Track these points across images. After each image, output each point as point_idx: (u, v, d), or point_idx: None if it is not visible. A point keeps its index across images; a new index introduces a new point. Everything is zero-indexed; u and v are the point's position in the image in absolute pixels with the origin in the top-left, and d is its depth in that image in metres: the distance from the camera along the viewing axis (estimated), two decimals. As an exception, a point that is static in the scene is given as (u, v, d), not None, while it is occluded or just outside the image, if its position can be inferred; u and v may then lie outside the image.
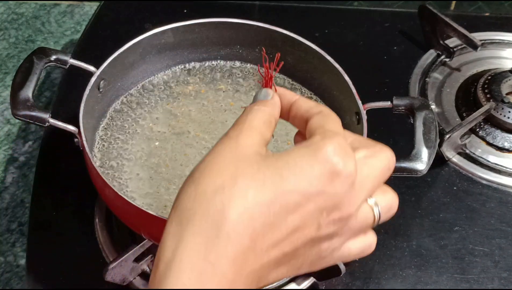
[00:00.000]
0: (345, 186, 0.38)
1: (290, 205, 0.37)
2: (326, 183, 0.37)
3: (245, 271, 0.37)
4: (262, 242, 0.37)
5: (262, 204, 0.36)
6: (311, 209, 0.37)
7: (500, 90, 0.76)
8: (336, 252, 0.41)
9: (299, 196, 0.37)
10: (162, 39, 0.66)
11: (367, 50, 0.87)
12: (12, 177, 0.75)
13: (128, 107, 0.66)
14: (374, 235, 0.44)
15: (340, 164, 0.38)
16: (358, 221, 0.41)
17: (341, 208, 0.39)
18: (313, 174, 0.37)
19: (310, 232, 0.38)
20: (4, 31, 0.92)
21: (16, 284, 0.67)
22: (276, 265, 0.38)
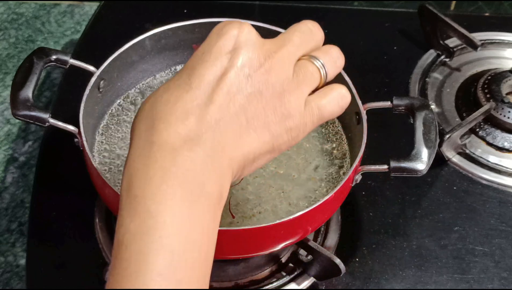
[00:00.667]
0: (229, 41, 0.43)
1: (204, 76, 0.41)
2: (213, 40, 0.43)
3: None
4: (207, 114, 0.40)
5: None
6: (219, 64, 0.42)
7: (500, 90, 0.76)
8: (300, 107, 0.44)
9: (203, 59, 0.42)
10: (162, 39, 0.66)
11: (367, 50, 0.87)
12: (12, 177, 0.75)
13: (128, 107, 0.66)
14: (342, 87, 0.47)
15: (221, 26, 0.44)
16: (301, 75, 0.44)
17: (249, 59, 0.42)
18: (204, 43, 0.44)
19: (241, 88, 0.42)
20: (4, 31, 0.92)
21: (16, 284, 0.67)
22: (239, 132, 0.41)
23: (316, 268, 0.62)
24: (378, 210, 0.70)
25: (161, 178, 0.38)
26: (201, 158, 0.39)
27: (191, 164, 0.39)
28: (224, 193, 0.41)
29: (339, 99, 0.46)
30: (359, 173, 0.57)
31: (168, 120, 0.40)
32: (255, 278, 0.63)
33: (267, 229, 0.52)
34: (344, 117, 0.64)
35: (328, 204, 0.55)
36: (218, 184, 0.40)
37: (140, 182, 0.38)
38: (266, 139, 0.43)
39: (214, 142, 0.40)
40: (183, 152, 0.39)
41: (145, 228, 0.37)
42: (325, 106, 0.45)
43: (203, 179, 0.39)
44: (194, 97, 0.41)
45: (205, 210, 0.39)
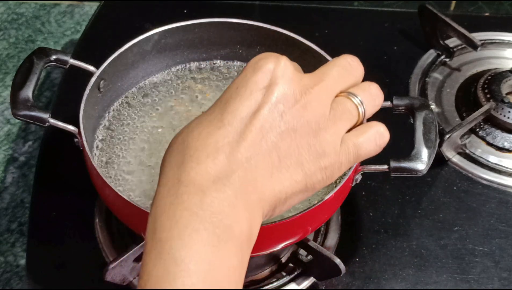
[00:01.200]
0: (265, 75, 0.41)
1: (238, 112, 0.41)
2: (249, 74, 0.42)
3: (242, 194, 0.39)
4: (238, 152, 0.39)
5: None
6: (253, 102, 0.41)
7: (500, 90, 0.76)
8: (335, 146, 0.42)
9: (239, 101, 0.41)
10: (162, 39, 0.66)
11: (367, 50, 0.87)
12: (12, 177, 0.75)
13: (128, 107, 0.66)
14: (380, 125, 0.46)
15: (256, 60, 0.42)
16: (339, 112, 0.43)
17: (286, 97, 0.41)
18: (239, 77, 0.43)
19: (275, 125, 0.40)
20: (4, 31, 0.92)
21: (16, 284, 0.67)
22: (270, 170, 0.40)
23: (316, 268, 0.62)
24: (378, 210, 0.70)
25: (187, 222, 0.37)
26: (229, 199, 0.38)
27: (219, 206, 0.38)
28: (254, 233, 0.40)
29: (377, 137, 0.45)
30: (359, 173, 0.57)
31: (197, 158, 0.39)
32: (255, 278, 0.63)
33: (267, 229, 0.52)
34: (344, 117, 0.64)
35: (328, 204, 0.55)
36: (247, 226, 0.39)
37: (165, 225, 0.37)
38: (299, 178, 0.41)
39: (244, 181, 0.39)
40: (211, 193, 0.38)
41: (168, 275, 0.36)
42: (362, 144, 0.44)
43: (231, 222, 0.38)
44: (226, 134, 0.40)
45: (232, 253, 0.38)
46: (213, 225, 0.37)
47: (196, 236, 0.36)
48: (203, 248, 0.36)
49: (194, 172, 0.38)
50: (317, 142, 0.42)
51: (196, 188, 0.38)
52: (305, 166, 0.41)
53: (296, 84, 0.42)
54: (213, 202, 0.37)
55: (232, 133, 0.40)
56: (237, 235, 0.38)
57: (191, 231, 0.37)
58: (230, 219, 0.38)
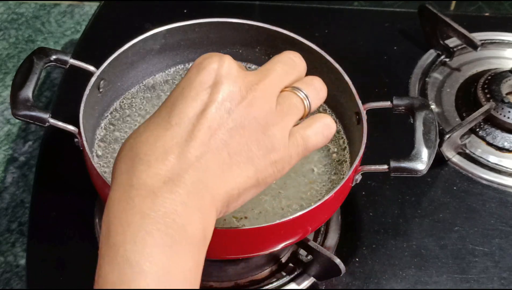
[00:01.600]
0: (209, 75, 0.42)
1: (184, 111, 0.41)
2: (194, 75, 0.42)
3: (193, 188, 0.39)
4: (188, 152, 0.39)
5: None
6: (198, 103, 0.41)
7: (500, 90, 0.76)
8: (284, 140, 0.43)
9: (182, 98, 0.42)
10: (162, 39, 0.66)
11: (367, 50, 0.87)
12: (12, 177, 0.75)
13: (128, 107, 0.66)
14: (326, 117, 0.47)
15: (200, 60, 0.43)
16: (285, 107, 0.44)
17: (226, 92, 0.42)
18: (184, 78, 0.43)
19: (223, 123, 0.41)
20: (4, 31, 0.92)
21: (16, 284, 0.67)
22: (221, 168, 0.40)
23: (316, 268, 0.62)
24: (378, 210, 0.70)
25: (140, 225, 0.37)
26: (181, 199, 0.38)
27: (171, 206, 0.38)
28: (208, 232, 0.40)
29: (324, 129, 0.46)
30: (359, 173, 0.57)
31: (147, 161, 0.39)
32: (255, 278, 0.63)
33: (267, 229, 0.52)
34: (344, 117, 0.64)
35: (328, 204, 0.55)
36: (200, 225, 0.39)
37: (118, 229, 0.37)
38: (250, 174, 0.42)
39: (196, 180, 0.39)
40: (162, 194, 0.38)
41: (124, 278, 0.36)
42: (310, 137, 0.45)
43: (184, 221, 0.38)
44: (174, 135, 0.40)
45: (186, 253, 0.38)
46: (166, 225, 0.37)
47: (149, 238, 0.37)
48: (156, 249, 0.36)
49: (145, 175, 0.39)
50: (266, 137, 0.42)
51: (147, 190, 0.38)
52: (255, 162, 0.42)
53: (241, 81, 0.42)
54: (165, 203, 0.38)
55: (180, 134, 0.40)
56: (190, 234, 0.38)
57: (144, 234, 0.37)
58: (183, 218, 0.38)
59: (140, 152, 0.40)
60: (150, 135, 0.40)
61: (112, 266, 0.37)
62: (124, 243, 0.37)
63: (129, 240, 0.37)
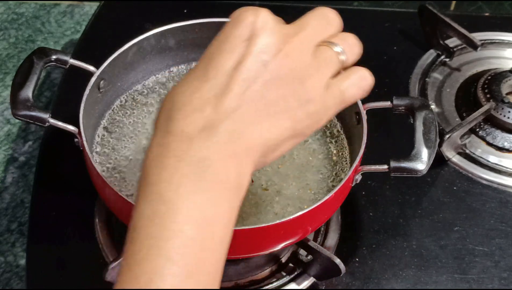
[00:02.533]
0: (246, 28, 0.43)
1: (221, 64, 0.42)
2: (230, 29, 0.43)
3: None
4: (224, 104, 0.40)
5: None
6: (238, 53, 0.42)
7: (500, 90, 0.76)
8: (321, 91, 0.43)
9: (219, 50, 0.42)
10: (162, 39, 0.66)
11: (367, 50, 0.86)
12: (12, 177, 0.75)
13: (128, 107, 0.66)
14: (363, 69, 0.47)
15: (237, 14, 0.44)
16: (321, 59, 0.44)
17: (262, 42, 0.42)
18: (221, 32, 0.43)
19: (259, 75, 0.41)
20: (4, 31, 0.92)
21: (16, 284, 0.67)
22: (257, 119, 0.41)
23: (316, 268, 0.62)
24: (378, 210, 0.70)
25: (175, 167, 0.39)
26: (217, 147, 0.39)
27: (206, 153, 0.39)
28: (244, 181, 0.41)
29: (361, 81, 0.46)
30: (359, 173, 0.57)
31: (185, 111, 0.40)
32: (255, 278, 0.63)
33: (267, 229, 0.52)
34: (344, 117, 0.64)
35: (328, 204, 0.55)
36: (235, 172, 0.40)
37: (156, 170, 0.39)
38: (287, 125, 0.42)
39: (231, 130, 0.40)
40: (198, 141, 0.39)
41: (158, 214, 0.38)
42: (347, 89, 0.45)
43: (218, 168, 0.39)
44: (211, 87, 0.41)
45: (219, 197, 0.39)
46: (201, 170, 0.39)
47: (184, 179, 0.38)
48: (190, 190, 0.38)
49: (182, 123, 0.40)
50: (303, 89, 0.42)
51: (184, 136, 0.39)
52: (292, 113, 0.42)
53: (278, 34, 0.43)
54: (200, 149, 0.39)
55: (217, 86, 0.41)
56: (224, 180, 0.39)
57: (180, 175, 0.38)
58: (217, 165, 0.39)
59: (178, 102, 0.41)
60: (189, 88, 0.41)
61: (148, 204, 0.38)
62: (159, 182, 0.39)
63: (164, 179, 0.38)
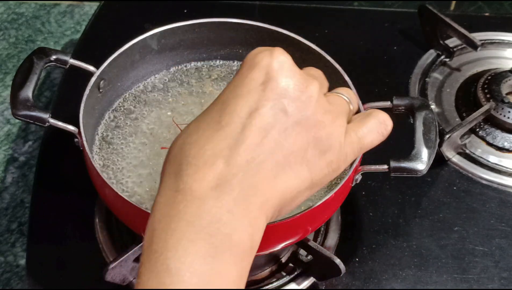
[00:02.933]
0: (262, 71, 0.40)
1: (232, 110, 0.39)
2: (245, 72, 0.40)
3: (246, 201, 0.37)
4: (238, 155, 0.38)
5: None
6: (252, 100, 0.39)
7: (500, 90, 0.76)
8: (340, 138, 0.42)
9: (234, 98, 0.40)
10: (162, 39, 0.66)
11: (367, 50, 0.87)
12: (12, 177, 0.75)
13: (128, 107, 0.66)
14: (381, 113, 0.45)
15: (252, 56, 0.41)
16: (336, 106, 0.43)
17: (279, 89, 0.40)
18: (236, 75, 0.41)
19: (277, 122, 0.39)
20: (4, 31, 0.92)
21: (16, 284, 0.67)
22: (274, 171, 0.38)
23: (316, 268, 0.62)
24: (378, 210, 0.70)
25: (183, 232, 0.36)
26: (228, 207, 0.36)
27: (217, 215, 0.36)
28: (256, 241, 0.38)
29: (379, 126, 0.45)
30: (359, 173, 0.57)
31: (195, 165, 0.37)
32: (255, 278, 0.63)
33: (267, 229, 0.52)
34: (344, 117, 0.64)
35: (328, 204, 0.55)
36: (247, 233, 0.37)
37: (161, 236, 0.36)
38: (305, 176, 0.40)
39: (245, 186, 0.37)
40: (209, 201, 0.36)
41: (162, 286, 0.35)
42: (365, 134, 0.44)
43: (230, 230, 0.36)
44: (224, 136, 0.38)
45: (230, 263, 0.36)
46: (210, 235, 0.36)
47: (192, 247, 0.35)
48: (198, 259, 0.35)
49: (192, 180, 0.37)
50: (323, 136, 0.40)
51: (193, 196, 0.37)
52: (310, 162, 0.40)
53: (296, 77, 0.40)
54: (210, 211, 0.36)
55: (231, 135, 0.38)
56: (236, 244, 0.36)
57: (187, 242, 0.35)
58: (228, 227, 0.36)
59: (188, 154, 0.38)
60: (200, 137, 0.39)
61: (152, 274, 0.35)
62: (166, 251, 0.35)
63: (170, 247, 0.35)
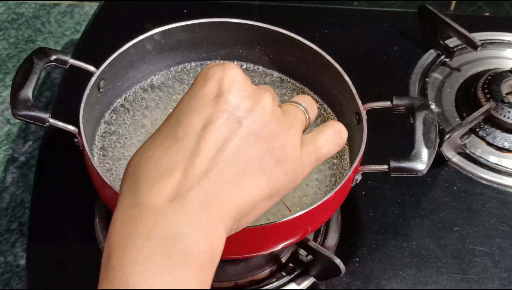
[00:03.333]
0: (215, 85, 0.41)
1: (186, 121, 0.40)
2: (199, 86, 0.41)
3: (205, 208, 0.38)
4: (194, 167, 0.38)
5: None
6: (206, 112, 0.40)
7: (500, 90, 0.76)
8: (296, 148, 0.42)
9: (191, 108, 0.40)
10: (162, 39, 0.66)
11: (367, 50, 0.87)
12: (12, 177, 0.75)
13: (128, 107, 0.66)
14: (336, 123, 0.46)
15: (205, 71, 0.42)
16: (291, 116, 0.43)
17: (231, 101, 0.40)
18: (189, 90, 0.42)
19: (232, 133, 0.39)
20: (4, 31, 0.92)
21: (16, 284, 0.67)
22: (231, 181, 0.39)
23: (316, 268, 0.62)
24: (378, 210, 0.70)
25: (140, 247, 0.35)
26: (186, 219, 0.36)
27: (174, 227, 0.36)
28: (217, 251, 0.38)
29: (335, 136, 0.45)
30: (359, 173, 0.57)
31: (152, 179, 0.38)
32: (255, 278, 0.63)
33: (267, 229, 0.52)
34: (344, 117, 0.64)
35: (328, 204, 0.55)
36: (207, 244, 0.37)
37: (119, 252, 0.36)
38: (263, 186, 0.40)
39: (202, 198, 0.37)
40: (165, 214, 0.36)
41: None
42: (322, 145, 0.44)
43: (188, 242, 0.36)
44: (179, 150, 0.38)
45: (190, 276, 0.36)
46: (168, 248, 0.35)
47: (150, 261, 0.35)
48: (157, 274, 0.35)
49: (149, 194, 0.37)
50: (278, 146, 0.41)
51: (150, 210, 0.36)
52: (267, 172, 0.40)
53: (249, 89, 0.41)
54: (168, 224, 0.36)
55: (186, 148, 0.38)
56: (195, 256, 0.36)
57: (144, 258, 0.35)
58: (186, 240, 0.36)
59: (145, 169, 0.38)
60: (156, 151, 0.39)
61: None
62: (124, 267, 0.35)
63: (128, 263, 0.35)
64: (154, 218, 0.36)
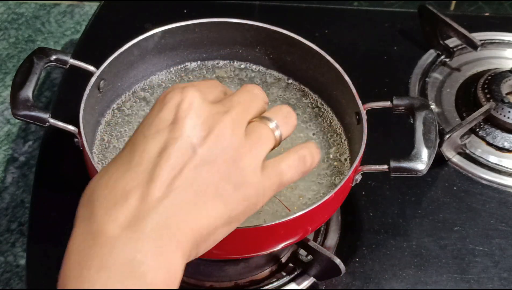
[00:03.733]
0: (171, 110, 0.40)
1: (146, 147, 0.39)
2: (155, 112, 0.40)
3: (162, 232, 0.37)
4: (150, 194, 0.37)
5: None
6: (163, 138, 0.39)
7: (500, 90, 0.76)
8: (256, 173, 0.41)
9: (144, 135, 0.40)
10: (162, 39, 0.66)
11: (367, 50, 0.87)
12: (12, 177, 0.75)
13: (128, 107, 0.66)
14: (304, 148, 0.44)
15: (163, 96, 0.41)
16: (255, 138, 0.41)
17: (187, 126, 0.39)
18: (147, 116, 0.41)
19: (187, 159, 0.39)
20: (4, 31, 0.92)
21: (16, 284, 0.67)
22: (187, 207, 0.38)
23: (316, 268, 0.62)
24: (378, 210, 0.70)
25: (96, 278, 0.35)
26: (141, 246, 0.36)
27: (130, 255, 0.35)
28: (174, 278, 0.37)
29: (299, 163, 0.43)
30: (359, 173, 0.57)
31: (107, 204, 0.37)
32: (255, 278, 0.63)
33: (267, 229, 0.52)
34: (344, 117, 0.64)
35: (328, 204, 0.55)
36: (163, 271, 0.36)
37: (75, 283, 0.36)
38: (220, 212, 0.39)
39: (158, 224, 0.37)
40: (121, 241, 0.36)
41: None
42: (286, 171, 0.42)
43: (145, 269, 0.35)
44: (134, 176, 0.38)
45: None
46: (124, 276, 0.35)
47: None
48: None
49: (103, 221, 0.37)
50: (236, 171, 0.40)
51: (105, 239, 0.36)
52: (225, 198, 0.39)
53: (205, 114, 0.40)
54: (123, 252, 0.36)
55: (141, 175, 0.38)
56: (151, 283, 0.36)
57: (100, 287, 0.35)
58: (142, 267, 0.36)
59: (100, 195, 0.38)
60: (110, 178, 0.38)
61: None
62: None
63: None
64: (109, 247, 0.36)
